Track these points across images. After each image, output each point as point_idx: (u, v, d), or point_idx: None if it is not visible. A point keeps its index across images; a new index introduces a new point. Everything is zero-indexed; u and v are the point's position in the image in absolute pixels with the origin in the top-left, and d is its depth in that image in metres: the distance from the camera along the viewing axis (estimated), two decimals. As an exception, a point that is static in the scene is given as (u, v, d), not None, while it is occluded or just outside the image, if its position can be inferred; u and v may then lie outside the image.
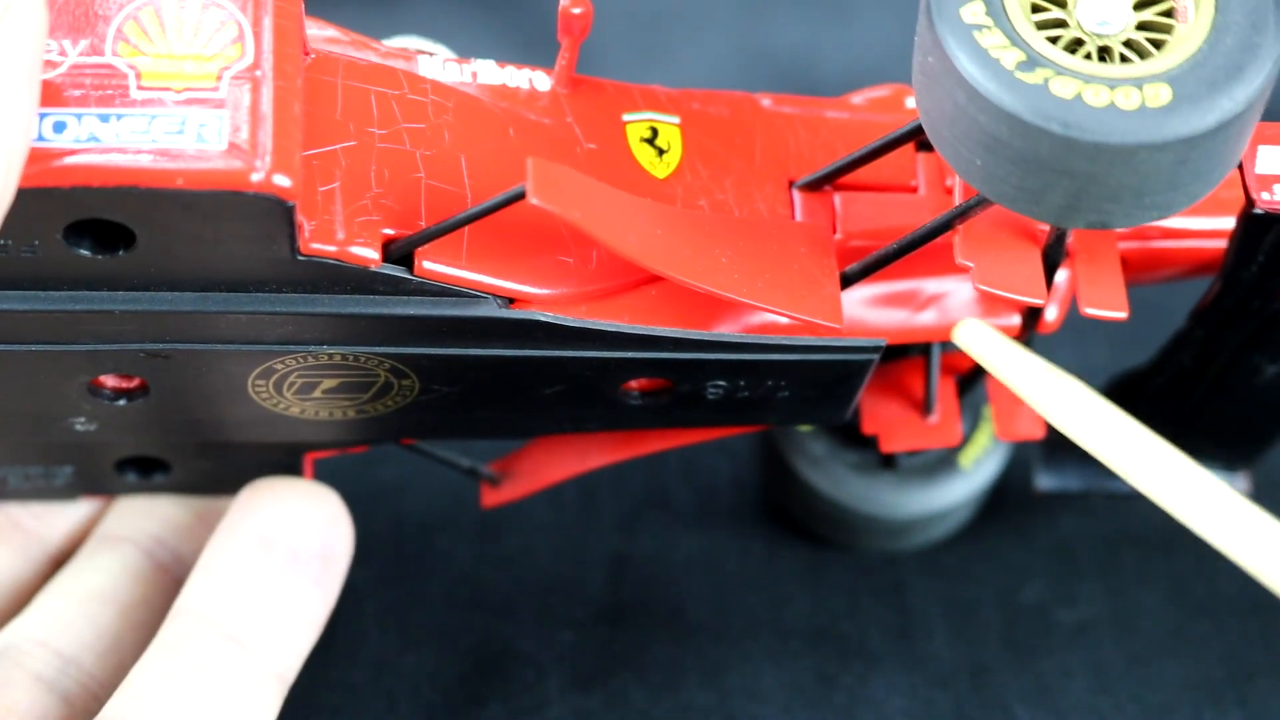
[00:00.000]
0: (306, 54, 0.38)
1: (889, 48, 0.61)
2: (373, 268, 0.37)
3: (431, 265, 0.38)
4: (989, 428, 0.49)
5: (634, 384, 0.41)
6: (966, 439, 0.49)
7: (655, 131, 0.41)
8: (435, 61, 0.41)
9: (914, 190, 0.42)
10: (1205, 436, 0.47)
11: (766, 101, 0.43)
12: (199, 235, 0.36)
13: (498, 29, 0.61)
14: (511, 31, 0.61)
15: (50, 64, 0.35)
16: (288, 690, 0.42)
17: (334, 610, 0.44)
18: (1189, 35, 0.35)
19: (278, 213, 0.36)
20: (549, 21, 0.61)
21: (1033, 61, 0.34)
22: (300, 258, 0.37)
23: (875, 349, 0.40)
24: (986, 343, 0.36)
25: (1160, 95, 0.34)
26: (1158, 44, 0.36)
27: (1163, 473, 0.34)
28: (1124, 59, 0.36)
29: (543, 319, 0.39)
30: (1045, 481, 0.50)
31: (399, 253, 0.38)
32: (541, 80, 0.41)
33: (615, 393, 0.41)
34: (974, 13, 0.35)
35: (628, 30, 0.60)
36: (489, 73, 0.41)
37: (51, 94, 0.35)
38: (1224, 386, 0.45)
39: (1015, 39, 0.35)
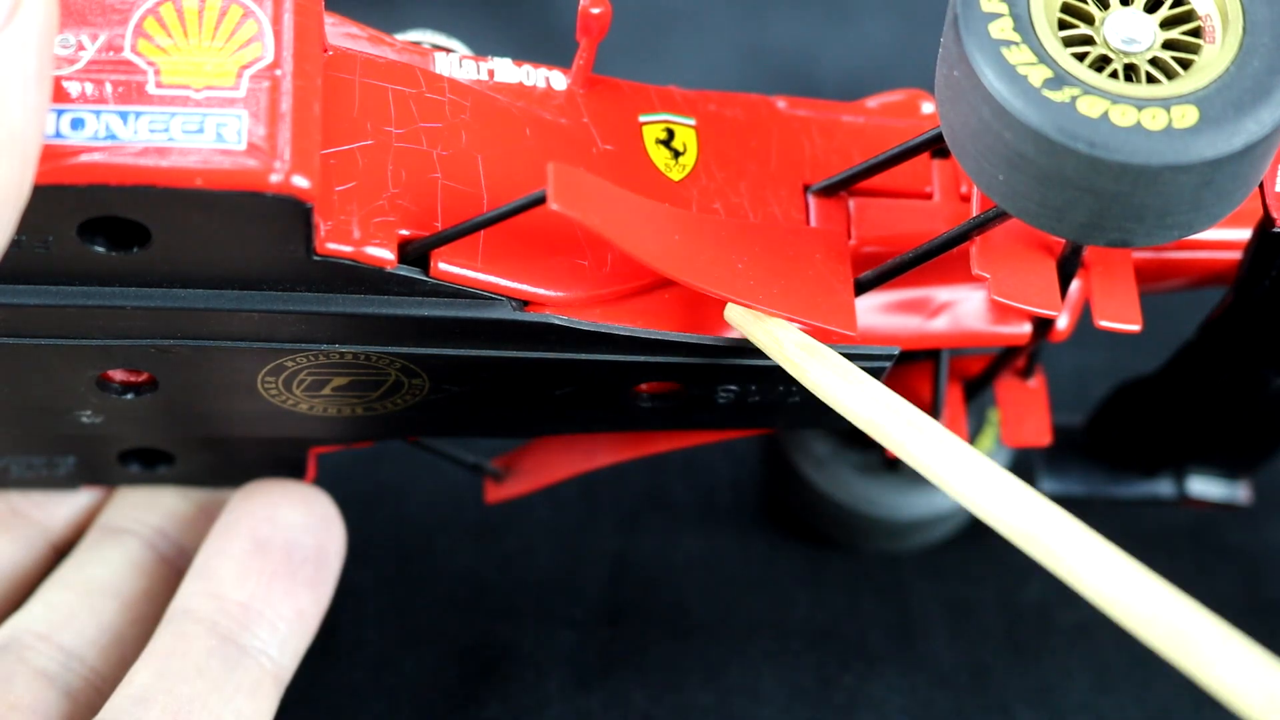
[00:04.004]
0: (325, 51, 0.38)
1: (889, 48, 0.61)
2: (388, 269, 0.37)
3: (447, 267, 0.38)
4: (993, 431, 0.49)
5: (645, 387, 0.41)
6: (970, 443, 0.49)
7: (671, 133, 0.41)
8: (452, 59, 0.41)
9: (929, 197, 0.42)
10: (1209, 445, 0.47)
11: (782, 104, 0.43)
12: (215, 234, 0.36)
13: (498, 27, 0.61)
14: (512, 29, 0.61)
15: (68, 60, 0.35)
16: (283, 691, 0.42)
17: (334, 610, 0.44)
18: (1216, 57, 0.35)
19: (295, 214, 0.35)
20: (547, 20, 0.61)
21: (1060, 79, 0.34)
22: (316, 258, 0.37)
23: (888, 357, 0.40)
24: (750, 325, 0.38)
25: (1187, 117, 0.34)
26: (1184, 64, 0.36)
27: (933, 449, 0.35)
28: (1150, 78, 0.35)
29: (557, 322, 0.39)
30: (1047, 485, 0.50)
31: (414, 254, 0.38)
32: (558, 79, 0.41)
33: (626, 395, 0.41)
34: (1002, 28, 0.35)
35: (628, 30, 0.60)
36: (506, 71, 0.41)
37: (69, 90, 0.35)
38: (1231, 397, 0.45)
39: (1043, 56, 0.35)
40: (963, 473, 0.34)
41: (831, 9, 0.62)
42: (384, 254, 0.37)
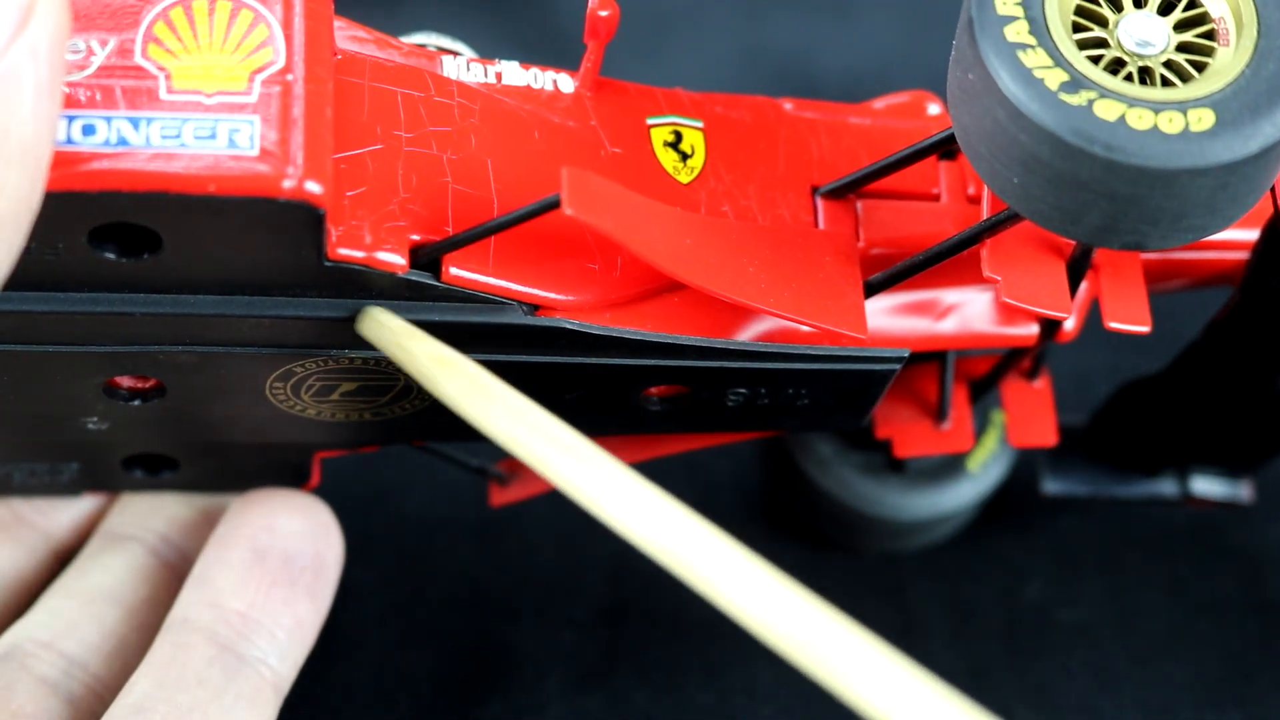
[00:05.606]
0: (334, 54, 0.38)
1: (889, 48, 0.61)
2: (399, 274, 0.37)
3: (458, 272, 0.38)
4: (997, 432, 0.49)
5: (654, 390, 0.41)
6: (977, 441, 0.49)
7: (679, 135, 0.41)
8: (459, 63, 0.40)
9: (936, 198, 0.42)
10: (1212, 444, 0.47)
11: (789, 106, 0.43)
12: (226, 240, 0.36)
13: (500, 28, 0.61)
14: (515, 30, 0.61)
15: (78, 66, 0.35)
16: (283, 700, 0.42)
17: (334, 610, 0.44)
18: (1231, 60, 0.35)
19: (308, 219, 0.35)
20: (550, 21, 0.61)
21: (1076, 83, 0.34)
22: (327, 263, 0.36)
23: (898, 359, 0.40)
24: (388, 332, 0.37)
25: (1204, 120, 0.34)
26: (1198, 66, 0.36)
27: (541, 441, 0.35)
28: (1164, 81, 0.36)
29: (568, 326, 0.39)
30: (1051, 485, 0.50)
31: (426, 259, 0.37)
32: (565, 82, 0.41)
33: (636, 399, 0.41)
34: (1018, 31, 0.35)
35: (628, 30, 0.60)
36: (513, 74, 0.41)
37: (80, 97, 0.34)
38: (1235, 397, 0.45)
39: (1059, 59, 0.35)
40: (606, 491, 0.34)
41: (831, 9, 0.62)
42: (395, 259, 0.37)
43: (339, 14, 0.39)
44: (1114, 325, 0.40)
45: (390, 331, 0.37)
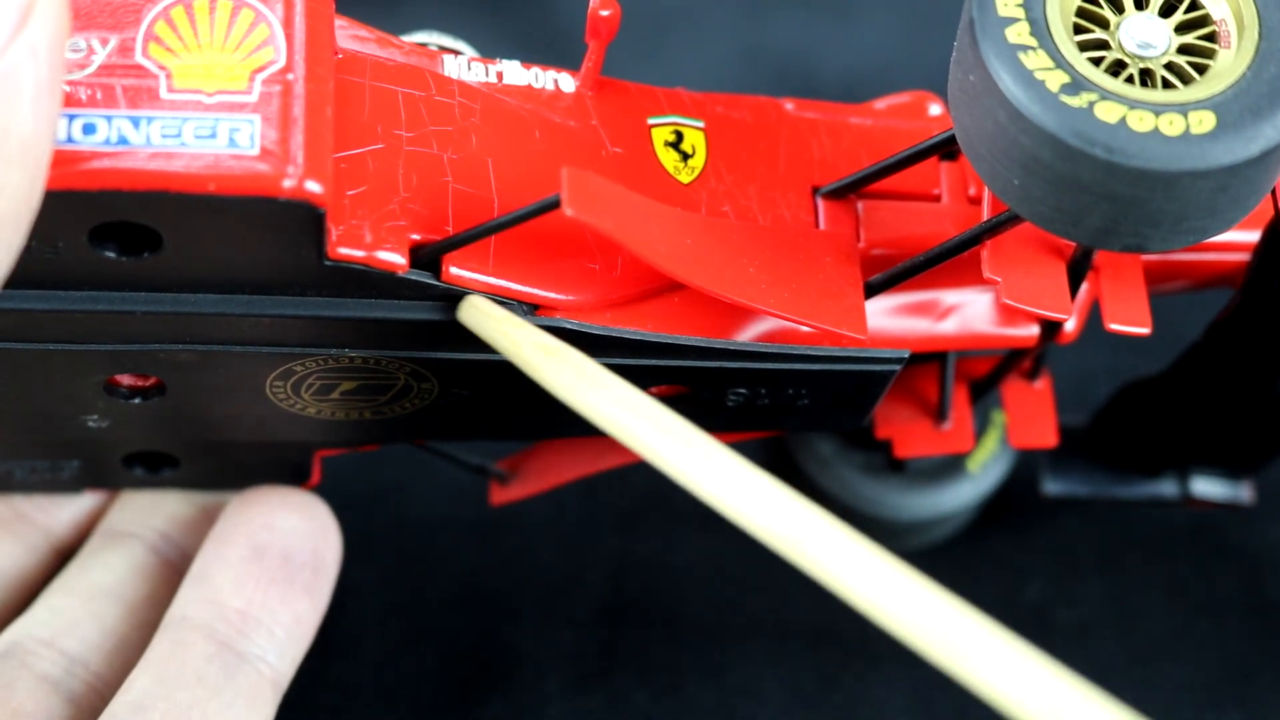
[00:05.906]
0: (335, 53, 0.38)
1: (889, 48, 0.61)
2: (399, 273, 0.37)
3: (459, 271, 0.38)
4: (997, 432, 0.49)
5: (654, 390, 0.41)
6: (977, 442, 0.49)
7: (680, 135, 0.41)
8: (460, 62, 0.40)
9: (937, 199, 0.42)
10: (1213, 445, 0.47)
11: (790, 106, 0.43)
12: (227, 239, 0.36)
13: (500, 26, 0.61)
14: (514, 29, 0.61)
15: (79, 65, 0.35)
16: (281, 698, 0.42)
17: (334, 610, 0.44)
18: (1232, 62, 0.35)
19: (308, 219, 0.35)
20: (549, 20, 0.61)
21: (1077, 85, 0.34)
22: (327, 262, 0.36)
23: (898, 360, 0.40)
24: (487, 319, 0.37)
25: (1204, 122, 0.34)
26: (1199, 68, 0.36)
27: (659, 434, 0.34)
28: (1165, 83, 0.35)
29: (568, 326, 0.39)
30: (1052, 486, 0.50)
31: (426, 258, 0.37)
32: (566, 82, 0.41)
33: (635, 399, 0.41)
34: (1019, 33, 0.35)
35: (628, 30, 0.60)
36: (514, 73, 0.41)
37: (81, 96, 0.34)
38: (1236, 399, 0.45)
39: (1060, 61, 0.35)
40: (717, 478, 0.34)
41: (831, 9, 0.62)
42: (395, 258, 0.37)
43: (340, 13, 0.39)
44: (1114, 327, 0.40)
45: (495, 320, 0.37)
